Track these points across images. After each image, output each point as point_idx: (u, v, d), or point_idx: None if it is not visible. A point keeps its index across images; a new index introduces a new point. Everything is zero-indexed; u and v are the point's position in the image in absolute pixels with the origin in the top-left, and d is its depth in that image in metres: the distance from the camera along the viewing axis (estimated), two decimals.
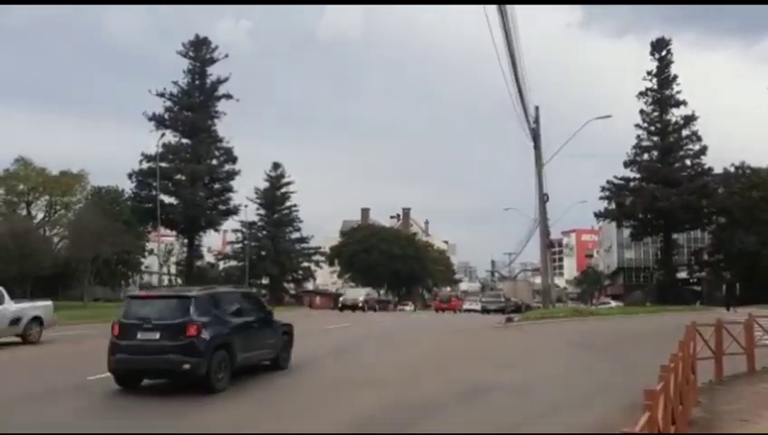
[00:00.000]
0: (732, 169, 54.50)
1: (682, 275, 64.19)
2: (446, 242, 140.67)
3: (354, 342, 18.87)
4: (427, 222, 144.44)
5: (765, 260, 50.56)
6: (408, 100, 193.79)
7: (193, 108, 47.58)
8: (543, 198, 31.01)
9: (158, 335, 9.85)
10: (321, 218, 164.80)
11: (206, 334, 9.89)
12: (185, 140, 47.66)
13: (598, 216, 54.73)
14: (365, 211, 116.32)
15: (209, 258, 79.88)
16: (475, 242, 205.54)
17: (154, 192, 44.31)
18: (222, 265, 78.38)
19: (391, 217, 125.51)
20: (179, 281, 51.46)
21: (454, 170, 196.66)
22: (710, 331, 12.13)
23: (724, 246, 55.48)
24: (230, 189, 48.07)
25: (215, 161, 48.18)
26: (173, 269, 56.15)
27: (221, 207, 47.93)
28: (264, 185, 77.78)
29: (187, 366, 9.60)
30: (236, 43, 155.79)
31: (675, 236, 57.09)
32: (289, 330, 13.00)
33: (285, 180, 78.88)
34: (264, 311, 12.63)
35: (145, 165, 46.13)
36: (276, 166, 79.29)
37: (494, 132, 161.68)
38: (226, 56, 48.71)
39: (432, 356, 15.75)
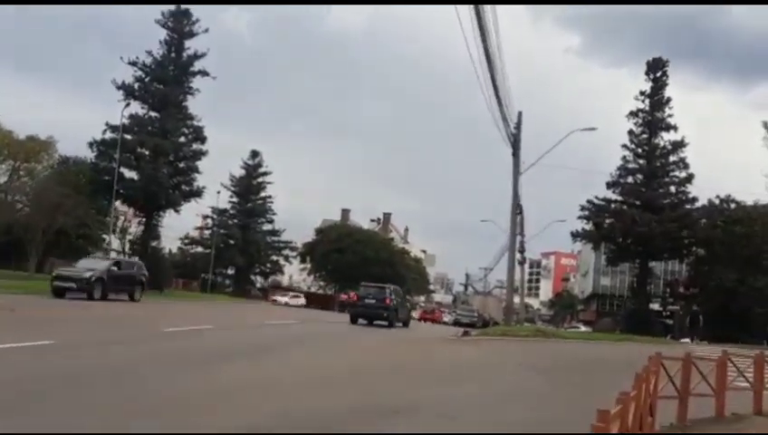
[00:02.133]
0: (716, 201, 53.32)
1: (656, 306, 63.11)
2: (424, 251, 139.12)
3: (285, 341, 16.83)
4: (406, 229, 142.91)
5: (742, 298, 49.33)
6: (403, 106, 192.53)
7: (166, 81, 45.26)
8: (516, 209, 29.13)
9: None
10: (304, 216, 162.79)
11: None
12: (153, 114, 45.26)
13: (575, 235, 53.14)
14: (345, 212, 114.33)
15: (175, 242, 78.01)
16: (456, 254, 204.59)
17: (114, 164, 41.92)
18: (188, 250, 76.45)
19: (372, 221, 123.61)
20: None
21: (441, 181, 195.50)
22: (677, 365, 10.41)
23: (701, 279, 54.35)
24: (195, 170, 45.66)
25: (182, 139, 45.81)
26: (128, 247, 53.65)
27: (184, 187, 45.47)
28: (240, 172, 76.41)
29: None
30: (236, 33, 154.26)
31: (652, 264, 55.79)
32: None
33: (263, 170, 77.07)
34: None
35: (109, 135, 43.67)
36: (255, 154, 77.47)
37: (485, 145, 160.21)
38: (206, 30, 46.55)
39: (360, 364, 13.72)
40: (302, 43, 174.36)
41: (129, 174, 44.33)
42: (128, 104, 42.37)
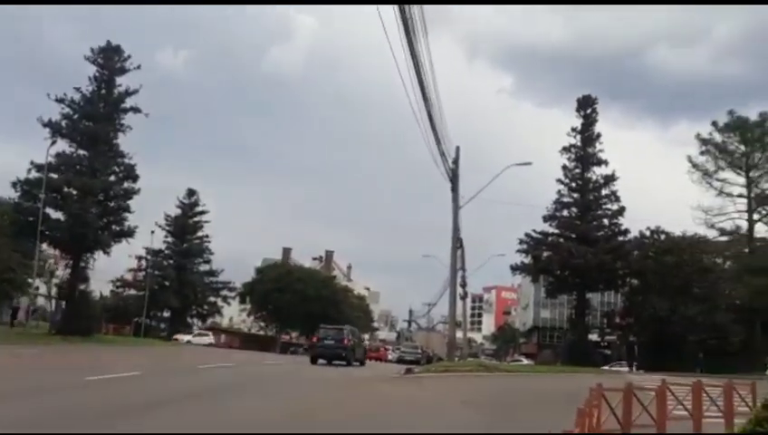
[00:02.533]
0: (647, 233, 54.95)
1: (594, 337, 64.13)
2: (367, 289, 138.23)
3: (212, 387, 15.87)
4: (349, 266, 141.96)
5: (675, 326, 50.61)
6: (345, 145, 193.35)
7: (95, 118, 43.71)
8: (456, 244, 29.07)
9: None
10: (244, 256, 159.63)
11: None
12: (82, 152, 43.59)
13: (514, 269, 53.79)
14: (286, 250, 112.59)
15: (108, 286, 74.73)
16: (401, 291, 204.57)
17: (39, 204, 39.97)
18: (122, 292, 73.34)
19: (314, 259, 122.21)
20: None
21: (385, 218, 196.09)
22: (618, 396, 10.21)
23: (636, 309, 55.53)
24: (126, 209, 43.88)
25: (112, 177, 44.14)
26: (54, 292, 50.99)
27: (114, 227, 43.66)
28: (176, 212, 74.29)
29: None
30: (174, 71, 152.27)
31: (589, 295, 56.85)
32: None
33: (199, 209, 75.20)
34: None
35: (34, 174, 41.71)
36: (191, 193, 75.54)
37: (427, 181, 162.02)
38: (138, 67, 45.26)
39: (291, 411, 12.96)
40: (240, 82, 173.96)
41: (56, 214, 42.31)
42: (53, 142, 40.73)
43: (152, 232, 69.63)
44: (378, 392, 18.45)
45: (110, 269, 76.52)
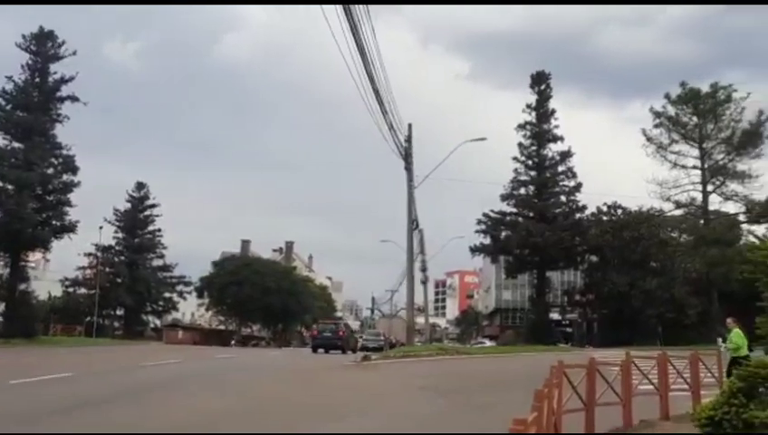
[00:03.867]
0: (604, 208, 55.00)
1: (555, 315, 64.27)
2: (329, 278, 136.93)
3: (147, 385, 14.55)
4: (310, 257, 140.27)
5: (635, 300, 50.81)
6: (303, 135, 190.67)
7: (29, 108, 41.33)
8: (412, 224, 28.08)
9: None
10: (203, 250, 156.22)
11: None
12: (16, 144, 41.17)
13: (473, 250, 53.15)
14: (245, 243, 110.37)
15: (56, 286, 71.74)
16: (365, 280, 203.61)
17: None
18: (73, 292, 70.58)
19: (274, 251, 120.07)
20: None
21: (347, 208, 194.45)
22: (581, 374, 9.34)
23: (596, 286, 55.67)
24: (67, 203, 41.70)
25: (50, 170, 41.85)
26: None
27: (54, 222, 41.44)
28: (126, 207, 71.62)
29: None
30: (123, 64, 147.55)
31: (549, 274, 56.73)
32: None
33: (150, 202, 72.63)
34: None
35: None
36: (140, 186, 72.88)
37: (387, 168, 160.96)
38: (74, 53, 42.93)
39: (233, 406, 11.77)
40: (192, 73, 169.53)
41: None
42: None
43: (100, 227, 67.08)
44: (329, 381, 17.38)
45: (62, 269, 74.19)
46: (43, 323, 58.30)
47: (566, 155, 52.15)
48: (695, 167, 50.37)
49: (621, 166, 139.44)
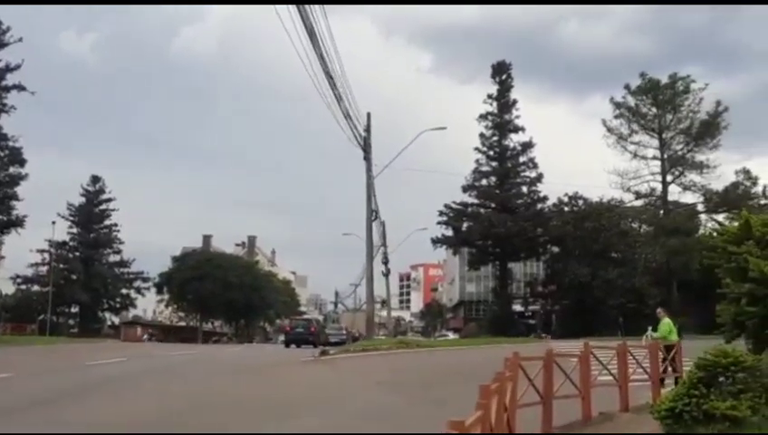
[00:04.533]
0: (565, 199, 55.18)
1: (518, 307, 64.43)
2: (293, 273, 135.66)
3: (79, 386, 13.65)
4: (273, 251, 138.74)
5: (597, 291, 51.08)
6: (261, 128, 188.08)
7: None
8: (371, 215, 27.46)
9: None
10: (162, 246, 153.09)
11: None
12: None
13: (435, 242, 52.78)
14: (207, 238, 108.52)
15: (8, 283, 69.38)
16: (330, 274, 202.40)
17: None
18: (26, 289, 68.29)
19: (236, 245, 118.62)
20: None
21: (310, 202, 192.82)
22: (537, 366, 8.89)
23: (557, 277, 55.84)
24: (14, 197, 40.03)
25: None
26: None
27: (0, 216, 39.73)
28: (80, 201, 69.50)
29: None
30: (78, 55, 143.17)
31: (511, 266, 56.70)
32: None
33: (105, 196, 70.63)
34: None
35: None
36: (96, 179, 70.85)
37: (349, 162, 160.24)
38: (20, 40, 41.07)
39: (178, 404, 11.02)
40: (148, 67, 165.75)
41: None
42: None
43: (53, 223, 64.99)
44: (282, 377, 16.70)
45: (15, 267, 71.67)
46: None
47: (527, 146, 52.11)
48: (654, 157, 50.90)
49: (582, 158, 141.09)
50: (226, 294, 74.74)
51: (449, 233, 52.88)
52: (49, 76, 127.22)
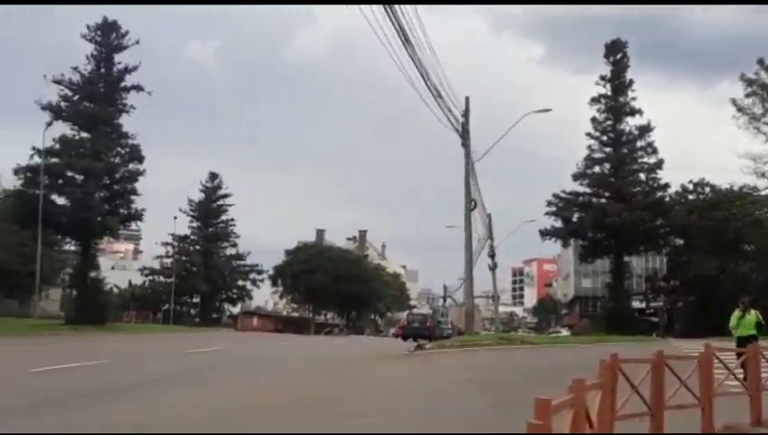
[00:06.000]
0: (690, 186, 50.93)
1: (638, 304, 60.60)
2: (404, 267, 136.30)
3: (161, 376, 13.54)
4: (383, 245, 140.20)
5: (726, 286, 46.68)
6: (380, 129, 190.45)
7: (95, 98, 41.90)
8: (470, 204, 26.18)
9: None
10: (279, 240, 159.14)
11: None
12: (84, 134, 41.88)
13: (543, 234, 50.05)
14: (320, 232, 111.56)
15: (135, 274, 74.16)
16: (443, 270, 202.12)
17: (44, 191, 38.53)
18: (148, 280, 72.81)
19: (348, 239, 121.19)
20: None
21: (425, 197, 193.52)
22: (645, 370, 7.41)
23: (681, 270, 51.88)
24: (133, 192, 42.21)
25: (117, 159, 42.40)
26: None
27: (121, 211, 42.01)
28: (200, 197, 72.91)
29: None
30: (203, 61, 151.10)
31: (628, 259, 53.05)
32: None
33: (222, 192, 73.69)
34: None
35: (36, 160, 40.22)
36: (213, 176, 74.11)
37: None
38: (137, 42, 43.21)
39: (237, 403, 10.48)
40: (265, 70, 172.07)
41: (60, 200, 40.87)
42: (49, 124, 39.08)
43: (175, 217, 68.98)
44: (370, 374, 15.90)
45: (149, 261, 76.79)
46: (120, 310, 60.49)
47: (645, 129, 48.10)
48: None
49: (708, 145, 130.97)
50: (336, 287, 76.10)
51: (558, 224, 50.12)
52: (182, 82, 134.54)
